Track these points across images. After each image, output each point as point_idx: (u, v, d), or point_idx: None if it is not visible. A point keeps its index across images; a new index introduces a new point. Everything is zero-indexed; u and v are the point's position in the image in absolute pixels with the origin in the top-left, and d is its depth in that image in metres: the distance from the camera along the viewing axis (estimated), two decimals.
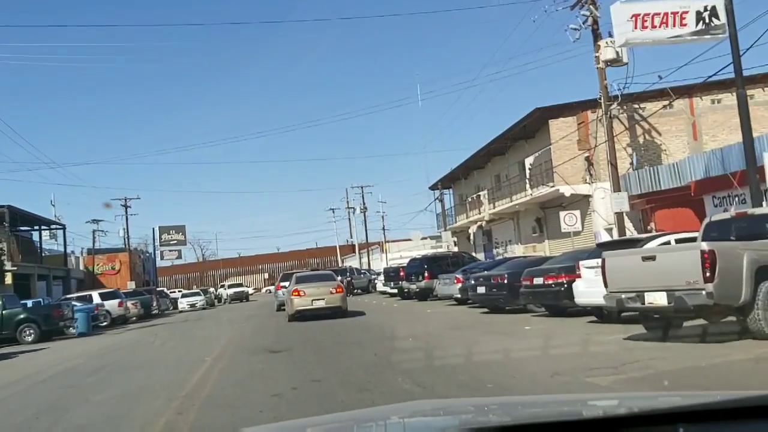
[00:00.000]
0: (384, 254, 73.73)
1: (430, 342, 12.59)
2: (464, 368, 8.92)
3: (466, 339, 12.77)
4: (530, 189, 30.95)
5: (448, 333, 14.08)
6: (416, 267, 30.04)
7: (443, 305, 25.00)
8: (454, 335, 13.79)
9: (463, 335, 13.52)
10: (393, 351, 11.53)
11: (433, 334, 14.04)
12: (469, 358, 9.82)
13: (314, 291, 22.08)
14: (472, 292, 19.02)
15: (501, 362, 9.49)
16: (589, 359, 9.02)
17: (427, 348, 11.56)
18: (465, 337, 13.07)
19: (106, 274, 66.04)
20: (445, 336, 13.60)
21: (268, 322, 23.82)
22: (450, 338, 13.20)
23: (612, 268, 10.25)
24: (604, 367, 8.12)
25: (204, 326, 25.18)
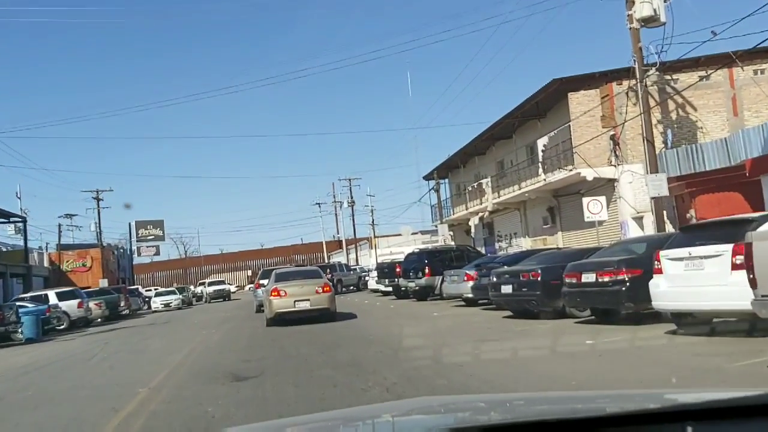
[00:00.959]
0: (373, 250, 70.10)
1: (460, 364, 8.81)
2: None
3: (518, 361, 9.03)
4: (543, 174, 27.32)
5: (481, 349, 10.27)
6: (415, 262, 26.32)
7: (449, 306, 21.30)
8: (492, 353, 10.01)
9: (506, 354, 9.68)
10: (411, 381, 7.79)
11: (459, 350, 10.27)
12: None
13: (297, 290, 18.35)
14: (494, 291, 15.30)
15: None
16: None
17: (465, 376, 7.81)
18: (513, 359, 9.26)
19: (77, 271, 61.77)
20: (481, 355, 9.79)
21: (244, 326, 20.02)
22: (489, 360, 9.43)
23: (765, 258, 6.54)
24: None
25: (168, 332, 21.32)
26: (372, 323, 17.16)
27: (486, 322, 15.00)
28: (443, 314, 18.54)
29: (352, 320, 18.75)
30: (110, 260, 66.42)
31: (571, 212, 28.54)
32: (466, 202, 39.57)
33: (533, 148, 31.99)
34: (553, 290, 13.96)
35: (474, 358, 9.39)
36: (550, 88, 25.32)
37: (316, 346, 12.64)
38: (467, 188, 38.69)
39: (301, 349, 12.16)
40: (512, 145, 33.39)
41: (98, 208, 61.68)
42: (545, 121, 28.34)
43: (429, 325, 15.49)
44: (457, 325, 14.80)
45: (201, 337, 17.46)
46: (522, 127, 31.10)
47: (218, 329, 19.94)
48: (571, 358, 8.91)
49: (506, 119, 30.49)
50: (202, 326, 22.25)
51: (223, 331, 18.91)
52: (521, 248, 33.71)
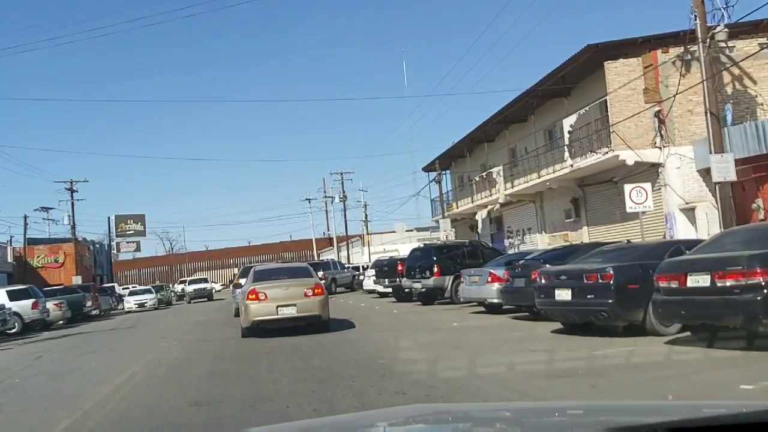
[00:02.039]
0: (366, 247, 66.32)
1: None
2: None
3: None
4: (570, 159, 23.55)
5: (572, 395, 6.36)
6: (421, 260, 22.46)
7: (467, 313, 17.49)
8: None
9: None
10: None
11: (534, 394, 6.37)
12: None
13: (281, 293, 14.49)
14: (543, 298, 11.42)
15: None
16: None
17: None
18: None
19: (48, 267, 57.64)
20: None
21: (214, 336, 16.11)
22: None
23: None
24: None
25: (121, 342, 17.36)
26: (377, 337, 13.28)
27: (534, 339, 11.13)
28: (465, 324, 14.70)
29: (350, 331, 14.90)
30: (85, 256, 62.25)
31: (599, 204, 24.81)
32: (472, 194, 35.74)
33: (552, 131, 28.26)
34: (631, 297, 10.19)
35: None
36: (584, 56, 21.50)
37: (304, 376, 8.77)
38: (474, 179, 34.89)
39: (280, 384, 8.28)
40: (528, 128, 29.59)
41: (72, 200, 57.43)
42: (572, 99, 24.54)
43: (454, 342, 11.60)
44: (495, 344, 10.91)
45: (155, 352, 13.53)
46: (541, 107, 27.29)
47: (182, 340, 16.01)
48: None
49: (524, 98, 26.67)
50: (166, 334, 18.32)
51: (187, 343, 14.98)
52: (535, 245, 29.97)
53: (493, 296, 16.09)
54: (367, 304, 25.38)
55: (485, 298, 16.30)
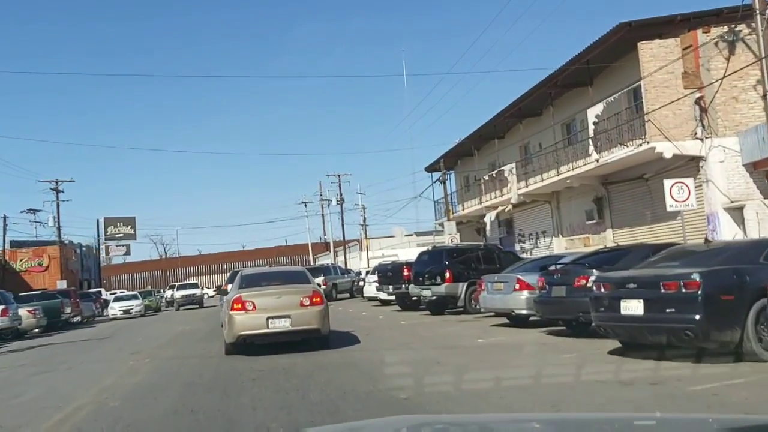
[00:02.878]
0: (364, 252, 63.92)
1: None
2: None
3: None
4: (596, 153, 21.22)
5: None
6: (431, 264, 20.09)
7: (486, 325, 15.12)
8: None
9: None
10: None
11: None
12: None
13: (272, 302, 12.13)
14: (604, 311, 9.00)
15: None
16: None
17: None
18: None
19: (31, 271, 55.12)
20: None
21: (193, 352, 13.70)
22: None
23: None
24: None
25: (84, 359, 14.90)
26: (389, 357, 10.87)
27: (595, 365, 8.71)
28: (493, 341, 12.29)
29: (355, 348, 12.51)
30: (71, 259, 59.69)
31: (626, 203, 22.49)
32: (480, 195, 33.36)
33: (571, 125, 25.96)
34: (725, 311, 7.86)
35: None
36: (614, 36, 19.18)
37: (301, 418, 6.39)
38: (482, 178, 32.53)
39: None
40: (543, 123, 27.27)
41: (57, 200, 54.79)
42: (597, 87, 22.20)
43: (493, 367, 9.13)
44: (553, 374, 8.41)
45: (117, 374, 11.10)
46: (560, 98, 24.96)
47: (156, 356, 13.58)
48: None
49: (541, 88, 24.36)
50: (141, 347, 15.90)
51: (160, 362, 12.55)
52: (551, 249, 27.63)
53: (521, 307, 13.74)
54: (369, 314, 23.00)
55: (512, 308, 13.92)
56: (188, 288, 47.50)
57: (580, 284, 11.30)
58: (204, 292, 53.76)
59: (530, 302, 13.51)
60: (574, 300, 11.37)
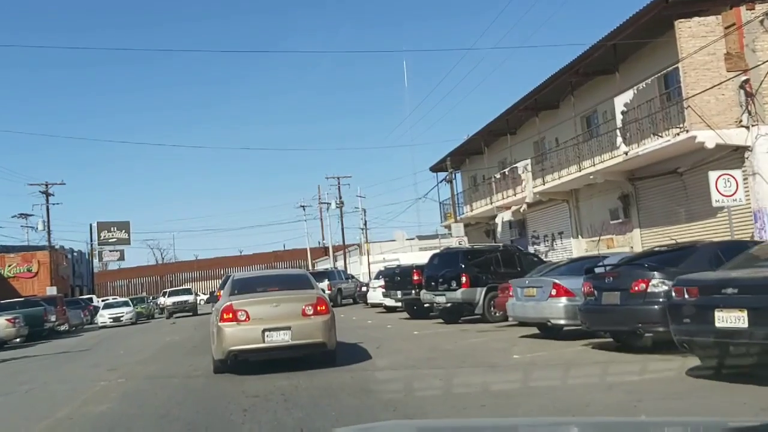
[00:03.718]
0: (364, 257, 61.95)
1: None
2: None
3: None
4: (625, 145, 19.33)
5: None
6: (445, 267, 18.16)
7: (513, 336, 13.20)
8: None
9: None
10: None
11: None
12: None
13: (269, 311, 10.24)
14: (689, 323, 7.06)
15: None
16: None
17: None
18: None
19: (20, 277, 53.11)
20: None
21: (176, 370, 11.75)
22: None
23: None
24: None
25: (54, 376, 12.93)
26: (410, 378, 8.91)
27: (693, 393, 6.77)
28: (532, 358, 10.34)
29: (367, 365, 10.58)
30: (62, 265, 57.70)
31: (656, 201, 20.61)
32: (490, 195, 31.45)
33: (591, 117, 24.12)
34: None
35: None
36: (648, 14, 17.31)
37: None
38: (493, 177, 30.62)
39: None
40: (560, 116, 25.41)
41: (47, 203, 52.78)
42: (624, 74, 20.30)
43: (554, 398, 7.13)
44: (642, 406, 6.47)
45: (80, 400, 9.13)
46: (581, 88, 23.10)
47: (133, 375, 11.62)
48: None
49: (561, 76, 22.48)
50: (120, 362, 13.96)
51: (136, 382, 10.60)
52: (568, 251, 25.74)
53: (558, 316, 11.81)
54: (375, 322, 21.06)
55: (547, 318, 11.98)
56: (180, 294, 44.20)
57: (639, 289, 9.40)
58: (200, 299, 51.64)
59: (569, 310, 11.61)
60: (631, 308, 9.47)
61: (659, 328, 9.16)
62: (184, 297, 42.81)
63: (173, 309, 41.28)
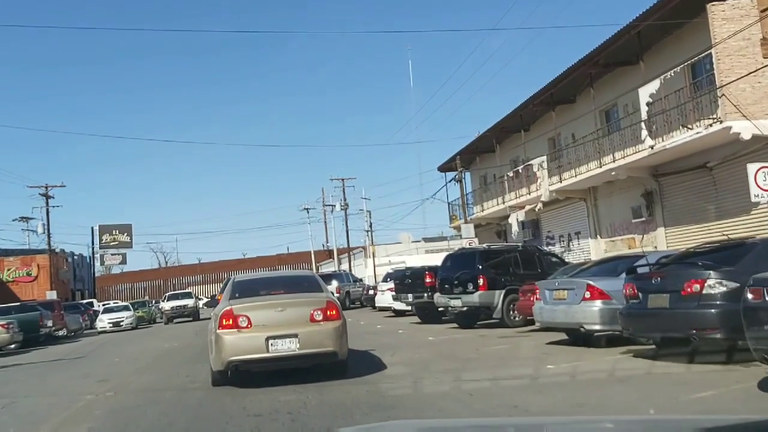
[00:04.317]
0: (370, 259, 60.84)
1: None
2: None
3: None
4: (651, 139, 18.21)
5: None
6: (460, 269, 17.06)
7: (540, 342, 12.09)
8: None
9: None
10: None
11: None
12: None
13: (273, 317, 9.17)
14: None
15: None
16: None
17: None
18: None
19: (19, 281, 52.16)
20: None
21: (171, 382, 10.68)
22: None
23: None
24: None
25: (37, 388, 11.85)
26: (436, 395, 7.80)
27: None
28: (567, 368, 9.22)
29: (382, 377, 9.48)
30: (62, 269, 56.69)
31: (683, 198, 19.49)
32: (503, 194, 30.33)
33: (611, 111, 23.01)
34: None
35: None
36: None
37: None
38: (506, 175, 29.50)
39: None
40: (576, 111, 24.33)
41: (47, 206, 51.79)
42: (648, 64, 19.19)
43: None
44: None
45: (60, 419, 8.05)
46: (600, 80, 22.00)
47: (124, 387, 10.54)
48: None
49: (580, 68, 21.37)
50: (113, 372, 12.89)
51: (125, 398, 9.52)
52: (586, 252, 24.63)
53: (593, 321, 10.68)
54: (385, 327, 19.97)
55: (580, 323, 10.85)
56: (180, 298, 41.07)
57: (693, 291, 8.30)
58: (201, 302, 50.22)
59: (605, 315, 10.50)
60: (683, 312, 8.37)
61: (717, 334, 8.11)
62: (183, 301, 40.14)
63: (172, 314, 39.01)
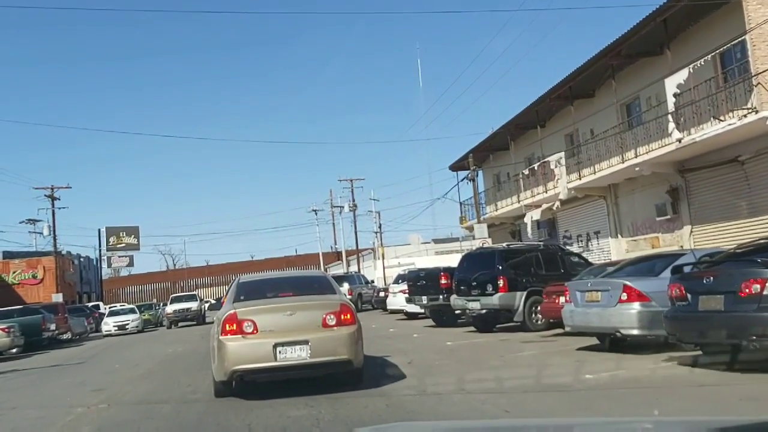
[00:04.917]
0: (379, 261, 60.04)
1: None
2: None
3: None
4: (677, 131, 17.27)
5: None
6: (479, 269, 16.15)
7: (568, 348, 11.18)
8: None
9: None
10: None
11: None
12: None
13: (281, 321, 8.32)
14: None
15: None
16: None
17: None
18: None
19: (25, 284, 51.51)
20: None
21: (171, 392, 9.82)
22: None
23: None
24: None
25: (23, 401, 11.01)
26: (469, 412, 6.90)
27: None
28: (607, 376, 8.32)
29: (402, 387, 8.59)
30: (69, 271, 56.04)
31: (710, 194, 18.54)
32: (517, 193, 29.38)
33: (632, 105, 22.07)
34: None
35: None
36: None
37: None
38: (520, 173, 28.55)
39: None
40: (595, 105, 23.40)
41: (53, 208, 51.11)
42: (676, 53, 18.24)
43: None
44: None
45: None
46: (622, 72, 21.06)
47: (117, 400, 9.69)
48: None
49: (600, 59, 20.41)
50: (107, 381, 12.04)
51: (117, 411, 8.68)
52: (605, 252, 23.68)
53: (631, 325, 9.75)
54: (398, 330, 19.09)
55: (617, 327, 9.92)
56: (183, 301, 37.91)
57: (752, 291, 7.40)
58: (202, 306, 48.29)
59: (644, 318, 9.59)
60: (741, 315, 7.47)
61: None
62: (186, 304, 37.01)
63: (174, 318, 36.33)
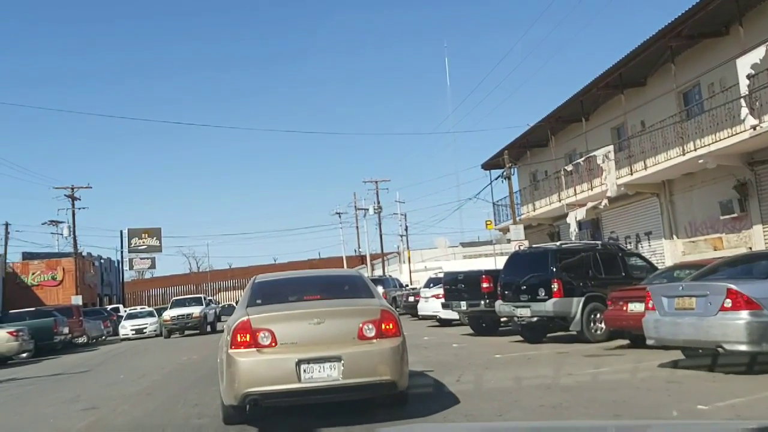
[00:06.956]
0: (405, 265, 58.37)
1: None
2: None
3: None
4: (752, 118, 15.31)
5: None
6: (528, 271, 14.29)
7: (652, 364, 9.30)
8: None
9: None
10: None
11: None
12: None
13: (306, 331, 6.52)
14: None
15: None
16: None
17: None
18: None
19: (44, 285, 50.44)
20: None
21: (171, 416, 8.12)
22: None
23: None
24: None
25: (7, 419, 9.38)
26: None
27: None
28: (723, 405, 6.46)
29: (454, 415, 6.79)
30: (89, 273, 54.92)
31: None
32: (558, 191, 27.43)
33: (690, 94, 20.07)
34: None
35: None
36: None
37: None
38: (562, 170, 26.60)
39: None
40: (647, 94, 21.44)
41: (73, 208, 49.93)
42: (748, 29, 16.27)
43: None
44: None
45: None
46: (680, 56, 19.09)
47: (108, 423, 8.02)
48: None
49: (657, 41, 18.48)
50: (104, 398, 10.38)
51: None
52: (658, 255, 21.64)
53: (737, 338, 7.86)
54: (433, 338, 17.25)
55: (718, 340, 8.04)
56: (185, 305, 31.26)
57: None
58: (210, 311, 42.31)
59: (755, 330, 7.72)
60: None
61: None
62: (188, 309, 30.34)
63: (172, 326, 29.86)
